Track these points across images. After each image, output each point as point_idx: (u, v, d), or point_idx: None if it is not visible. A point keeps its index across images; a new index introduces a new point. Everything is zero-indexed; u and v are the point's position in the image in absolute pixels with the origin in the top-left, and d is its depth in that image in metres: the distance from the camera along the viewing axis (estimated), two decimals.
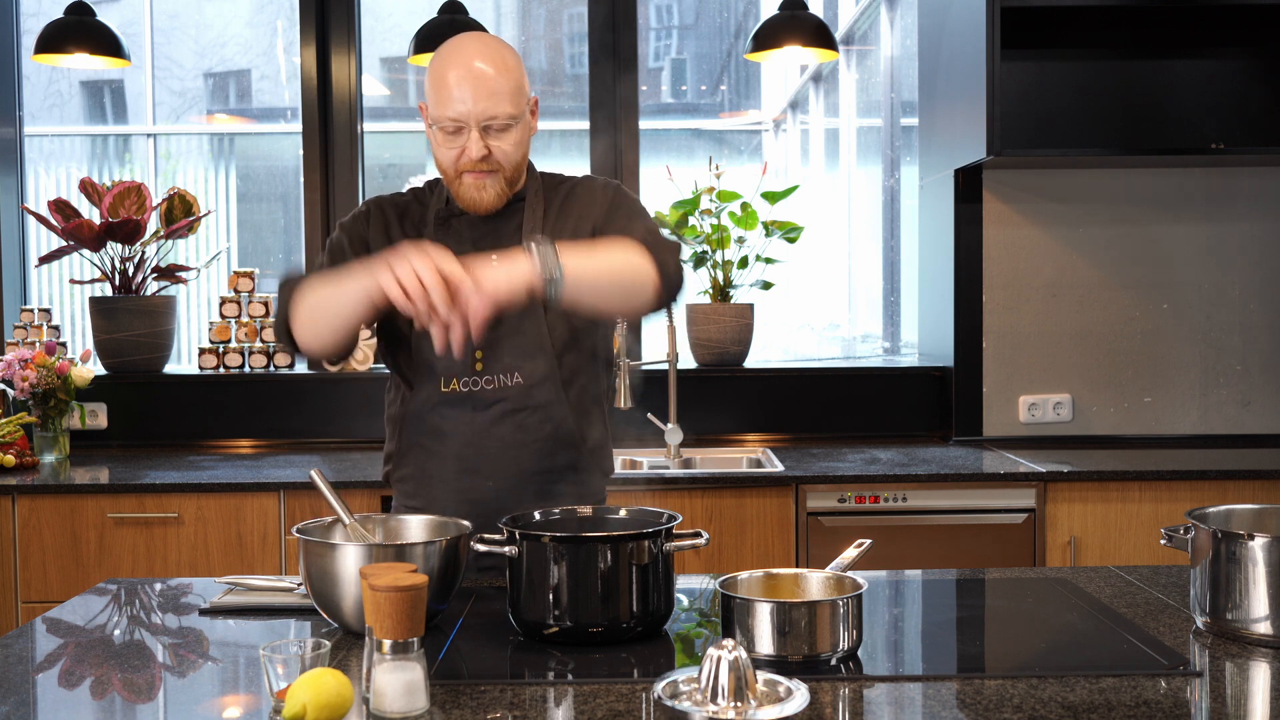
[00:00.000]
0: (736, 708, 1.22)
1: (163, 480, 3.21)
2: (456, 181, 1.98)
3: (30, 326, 3.90)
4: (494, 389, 2.00)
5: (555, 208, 2.06)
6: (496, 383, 2.00)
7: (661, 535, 1.65)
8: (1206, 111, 3.68)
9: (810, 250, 4.64)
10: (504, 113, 1.93)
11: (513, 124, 1.95)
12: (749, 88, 6.04)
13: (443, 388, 2.01)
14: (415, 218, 2.07)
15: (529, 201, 2.05)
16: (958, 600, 1.93)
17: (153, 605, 1.94)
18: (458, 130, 1.94)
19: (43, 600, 3.17)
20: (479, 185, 1.97)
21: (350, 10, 4.16)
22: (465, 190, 1.98)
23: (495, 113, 1.93)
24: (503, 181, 1.98)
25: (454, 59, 1.95)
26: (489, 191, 1.98)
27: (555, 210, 2.06)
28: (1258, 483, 3.20)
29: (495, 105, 1.92)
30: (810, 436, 3.89)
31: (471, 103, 1.91)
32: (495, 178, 1.97)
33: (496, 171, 1.97)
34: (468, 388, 2.00)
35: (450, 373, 2.00)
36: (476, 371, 2.00)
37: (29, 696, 1.49)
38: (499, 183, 1.98)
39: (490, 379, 2.00)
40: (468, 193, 1.98)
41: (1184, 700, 1.40)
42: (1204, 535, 1.63)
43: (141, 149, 5.57)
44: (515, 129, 1.96)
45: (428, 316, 1.66)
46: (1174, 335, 3.80)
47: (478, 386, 2.00)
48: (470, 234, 2.03)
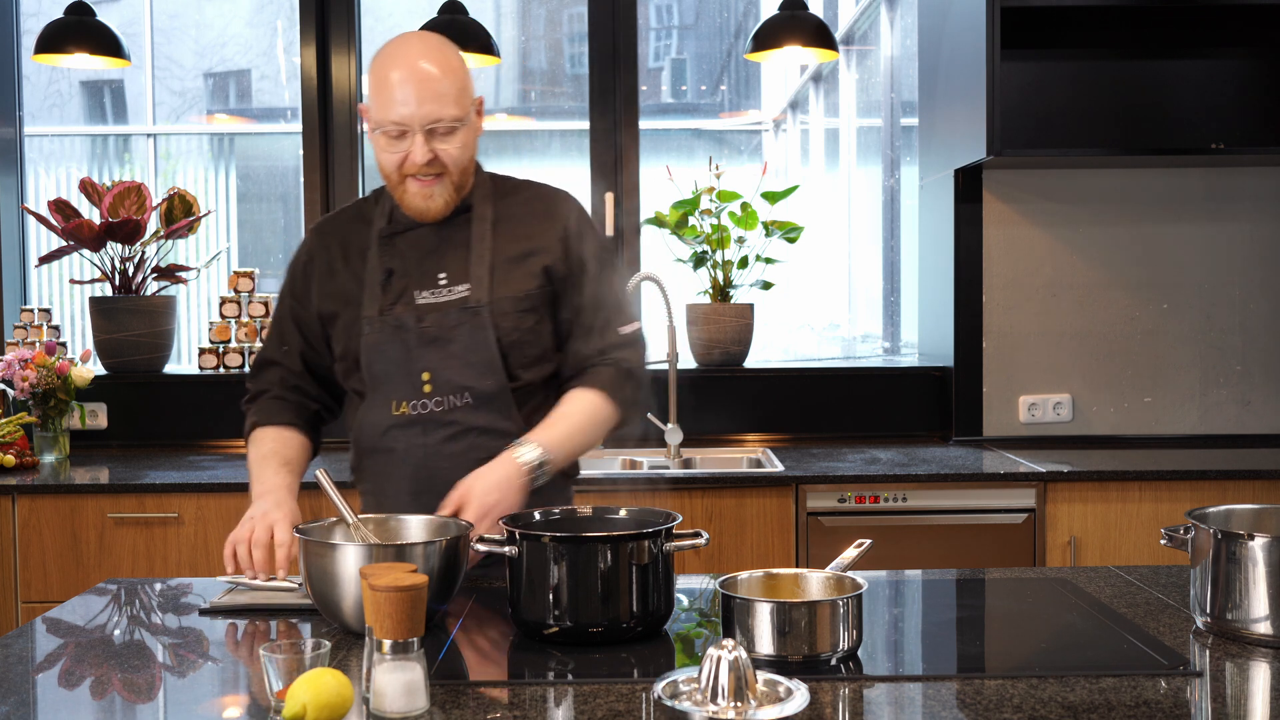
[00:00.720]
0: (736, 708, 1.22)
1: (163, 480, 3.21)
2: (401, 188, 1.94)
3: (30, 326, 3.90)
4: (443, 410, 1.96)
5: (505, 222, 2.02)
6: (446, 404, 1.96)
7: (661, 535, 1.65)
8: (1206, 111, 3.67)
9: (810, 250, 4.64)
10: (449, 115, 1.89)
11: (458, 126, 1.91)
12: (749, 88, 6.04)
13: (393, 410, 1.98)
14: (359, 241, 2.04)
15: (476, 210, 2.01)
16: (958, 600, 1.93)
17: (153, 605, 1.94)
18: (401, 134, 1.90)
19: (43, 600, 3.17)
20: (426, 193, 1.93)
21: (350, 10, 4.16)
22: (411, 198, 1.95)
23: (440, 115, 1.89)
24: (450, 187, 1.95)
25: (396, 60, 1.91)
26: (436, 200, 1.94)
27: (505, 225, 2.01)
28: (1258, 483, 3.20)
29: (440, 108, 1.88)
30: (810, 436, 3.89)
31: (415, 105, 1.87)
32: (442, 183, 1.93)
33: (443, 176, 1.93)
34: (417, 410, 1.97)
35: (399, 396, 1.97)
36: (425, 394, 1.96)
37: (29, 696, 1.49)
38: (446, 188, 1.94)
39: (440, 400, 1.96)
40: (414, 200, 1.95)
41: (1184, 700, 1.40)
42: (1204, 535, 1.63)
43: (141, 149, 5.57)
44: (461, 131, 1.92)
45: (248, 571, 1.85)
46: (1174, 335, 3.80)
47: (426, 409, 1.97)
48: (414, 252, 2.00)
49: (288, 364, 2.08)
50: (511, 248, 2.00)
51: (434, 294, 1.98)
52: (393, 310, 1.98)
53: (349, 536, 1.79)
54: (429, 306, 1.97)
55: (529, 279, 1.99)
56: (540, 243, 2.01)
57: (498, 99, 5.69)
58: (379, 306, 1.98)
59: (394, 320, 1.97)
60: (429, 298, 1.98)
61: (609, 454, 3.69)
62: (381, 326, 1.97)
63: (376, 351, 1.98)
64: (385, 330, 1.97)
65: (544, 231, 2.02)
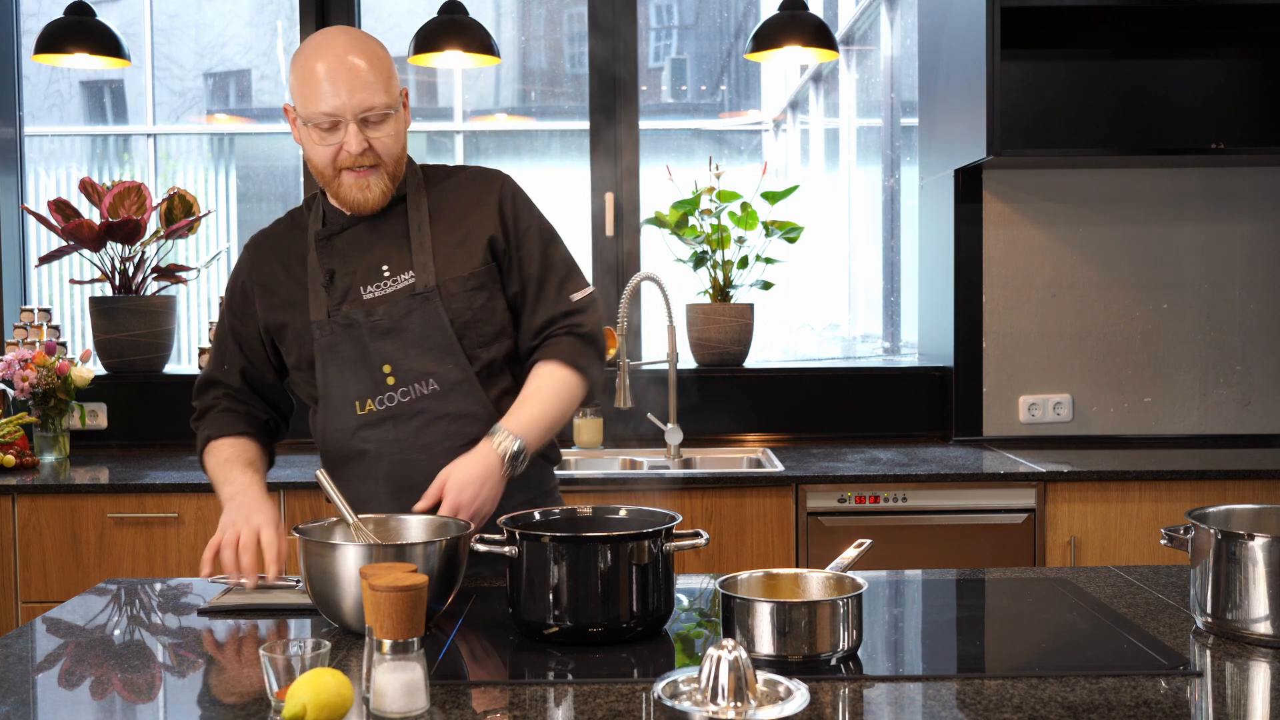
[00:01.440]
0: (736, 708, 1.22)
1: (163, 480, 3.21)
2: (336, 182, 1.93)
3: (30, 326, 3.90)
4: (410, 400, 1.95)
5: (441, 207, 2.01)
6: (412, 393, 1.95)
7: (661, 535, 1.65)
8: (1206, 111, 3.68)
9: (810, 250, 4.64)
10: (380, 103, 1.89)
11: (390, 114, 1.91)
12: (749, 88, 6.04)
13: (358, 410, 1.96)
14: (297, 250, 2.03)
15: (410, 199, 2.00)
16: (958, 600, 1.93)
17: (152, 605, 1.94)
18: (333, 126, 1.89)
19: (43, 600, 3.17)
20: (362, 184, 1.92)
21: (350, 10, 4.16)
22: (347, 191, 1.93)
23: (372, 104, 1.88)
24: (385, 177, 1.94)
25: (321, 53, 1.89)
26: (373, 189, 1.93)
27: (440, 209, 2.01)
28: (1258, 483, 3.20)
29: (371, 96, 1.88)
30: (810, 436, 3.89)
31: (347, 95, 1.87)
32: (378, 173, 1.92)
33: (378, 166, 1.92)
34: (384, 404, 1.95)
35: (361, 394, 1.96)
36: (389, 385, 1.95)
37: (29, 696, 1.49)
38: (382, 179, 1.93)
39: (405, 390, 1.95)
40: (350, 193, 1.93)
41: (1184, 700, 1.40)
42: (1204, 535, 1.63)
43: (141, 149, 5.57)
44: (392, 119, 1.92)
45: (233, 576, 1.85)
46: (1174, 335, 3.80)
47: (394, 402, 1.95)
48: (354, 250, 1.99)
49: (228, 381, 2.08)
50: (451, 231, 1.99)
51: (379, 286, 1.97)
52: (340, 309, 1.96)
53: (349, 536, 1.79)
54: (377, 300, 1.96)
55: (472, 258, 1.98)
56: (478, 221, 2.00)
57: (498, 99, 5.69)
58: (326, 309, 1.97)
59: (343, 319, 1.95)
60: (375, 291, 1.96)
61: (609, 454, 3.70)
62: (332, 327, 1.96)
63: (332, 353, 1.96)
64: (336, 330, 1.96)
65: (480, 210, 2.01)
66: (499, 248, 2.00)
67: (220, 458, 2.02)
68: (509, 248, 2.01)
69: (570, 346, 2.00)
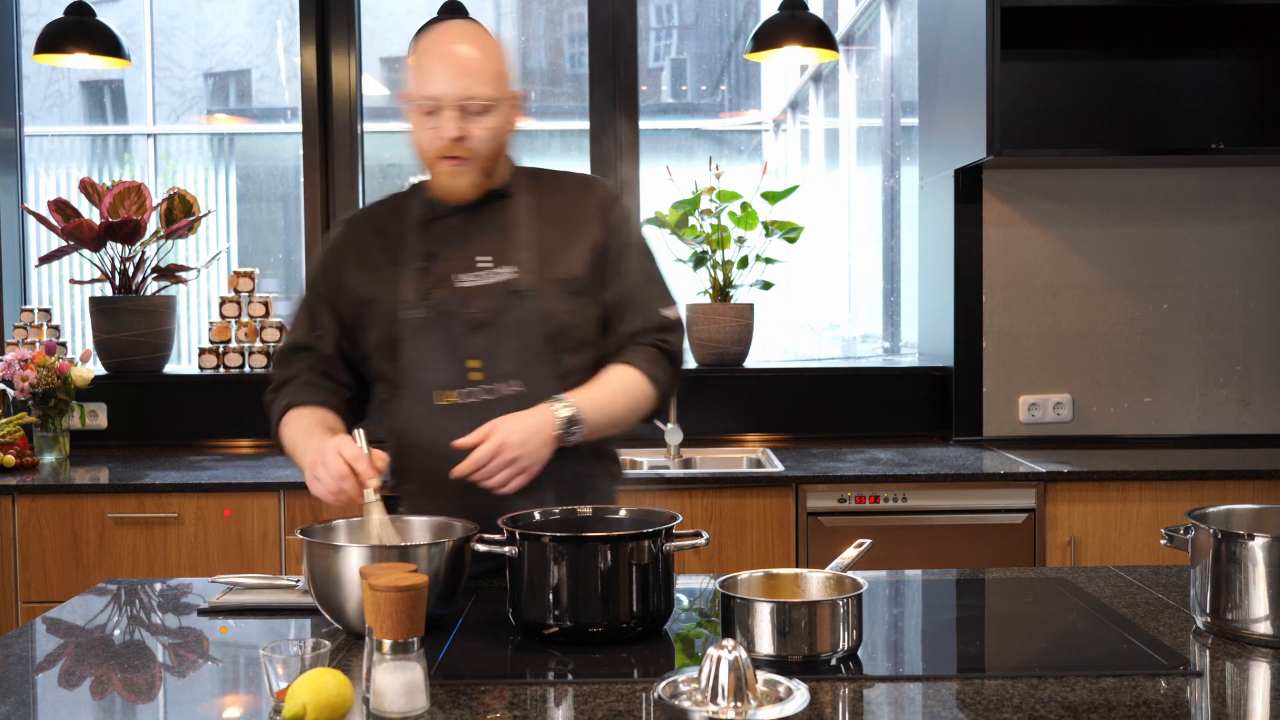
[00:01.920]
0: (736, 708, 1.22)
1: (163, 480, 3.21)
2: (433, 167, 1.94)
3: (30, 326, 3.90)
4: (494, 399, 1.92)
5: (545, 207, 2.01)
6: (496, 393, 1.93)
7: (661, 535, 1.65)
8: (1206, 111, 3.67)
9: (810, 250, 4.64)
10: (482, 94, 1.89)
11: (491, 107, 1.90)
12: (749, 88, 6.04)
13: (436, 401, 1.94)
14: (396, 229, 2.02)
15: (516, 198, 2.00)
16: (958, 600, 1.93)
17: (153, 605, 1.94)
18: (434, 110, 1.90)
19: (43, 600, 3.17)
20: (452, 173, 1.93)
21: (350, 10, 4.16)
22: (440, 177, 1.95)
23: (473, 93, 1.88)
24: (477, 171, 1.93)
25: (437, 40, 1.92)
26: (462, 179, 1.93)
27: (545, 209, 2.01)
28: (1258, 483, 3.20)
29: (473, 85, 1.88)
30: (810, 436, 3.89)
31: (449, 81, 1.88)
32: (468, 166, 1.92)
33: (470, 160, 1.92)
34: (465, 399, 1.93)
35: (443, 384, 1.94)
36: (473, 381, 1.93)
37: (29, 696, 1.49)
38: (473, 171, 1.93)
39: (489, 389, 1.93)
40: (441, 179, 1.95)
41: (1184, 700, 1.40)
42: (1204, 535, 1.63)
43: (141, 149, 5.57)
44: (493, 114, 1.91)
45: (342, 499, 1.79)
46: (1174, 335, 3.80)
47: (476, 398, 1.93)
48: (455, 237, 1.99)
49: (320, 348, 2.03)
50: (554, 232, 1.99)
51: (474, 277, 1.96)
52: (433, 295, 1.95)
53: (367, 514, 1.76)
54: (472, 290, 1.95)
55: (573, 263, 1.98)
56: (583, 228, 2.00)
57: None
58: (418, 291, 1.95)
59: (437, 305, 1.94)
60: (469, 280, 1.96)
61: None
62: (423, 311, 1.94)
63: (419, 338, 1.95)
64: (427, 315, 1.94)
65: (585, 214, 2.01)
66: (601, 256, 2.00)
67: (300, 426, 1.96)
68: (610, 257, 2.00)
69: (650, 357, 2.01)
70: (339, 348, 2.04)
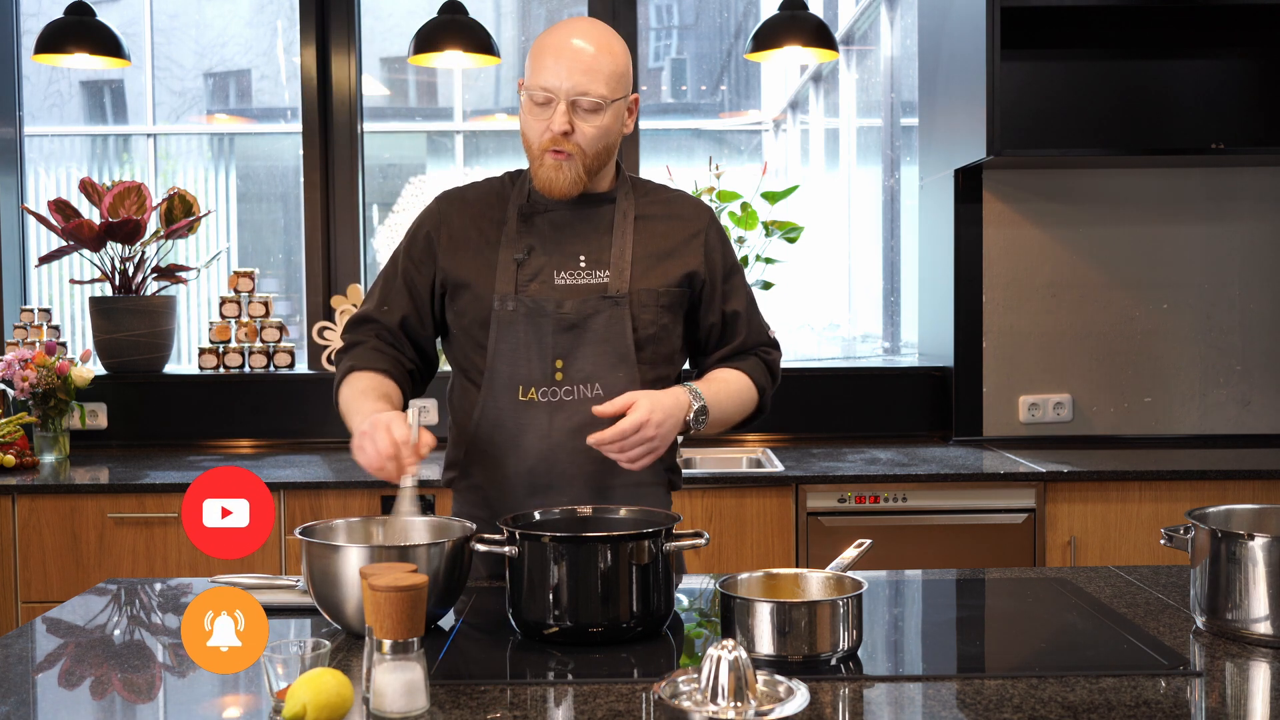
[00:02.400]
0: (736, 708, 1.22)
1: (163, 480, 3.21)
2: (538, 161, 1.94)
3: (30, 326, 3.90)
4: (573, 400, 1.93)
5: (645, 219, 2.02)
6: (576, 394, 1.93)
7: (661, 535, 1.65)
8: (1206, 111, 3.68)
9: (810, 250, 4.64)
10: (595, 91, 1.89)
11: (602, 106, 1.90)
12: (749, 88, 6.04)
13: (520, 396, 1.94)
14: (495, 215, 2.02)
15: (619, 204, 2.01)
16: (958, 600, 1.93)
17: (153, 605, 1.94)
18: (546, 101, 1.90)
19: (43, 600, 3.17)
20: (555, 167, 1.92)
21: (350, 10, 4.16)
22: (543, 171, 1.94)
23: (586, 89, 1.89)
24: (580, 168, 1.93)
25: (560, 33, 1.93)
26: (565, 173, 1.92)
27: (645, 221, 2.01)
28: (1258, 483, 3.20)
29: (588, 82, 1.89)
30: (810, 436, 3.89)
31: (565, 75, 1.89)
32: (573, 162, 1.92)
33: (574, 156, 1.92)
34: (546, 398, 1.93)
35: (527, 380, 1.93)
36: (556, 381, 1.93)
37: (29, 696, 1.49)
38: (576, 168, 1.92)
39: (570, 389, 1.93)
40: (545, 172, 1.94)
41: (1184, 700, 1.40)
42: (1204, 535, 1.63)
43: (141, 149, 5.57)
44: (604, 114, 1.91)
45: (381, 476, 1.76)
46: (1174, 335, 3.80)
47: (556, 397, 1.93)
48: (554, 233, 1.98)
49: (385, 321, 2.03)
50: (651, 244, 2.00)
51: (573, 276, 1.96)
52: (528, 288, 1.95)
53: (399, 500, 1.76)
54: (567, 289, 1.95)
55: (669, 276, 1.99)
56: (682, 248, 2.02)
57: (497, 99, 5.70)
58: (514, 283, 1.95)
59: (530, 301, 1.94)
60: (567, 279, 1.96)
61: None
62: (517, 305, 1.94)
63: (509, 330, 1.94)
64: (521, 309, 1.94)
65: (686, 237, 2.03)
66: (698, 281, 2.03)
67: (357, 388, 1.95)
68: (711, 281, 2.04)
69: (759, 369, 2.08)
70: (404, 324, 2.04)
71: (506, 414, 1.95)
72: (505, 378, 1.95)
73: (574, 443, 1.91)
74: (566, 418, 1.92)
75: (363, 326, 2.05)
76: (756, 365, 2.08)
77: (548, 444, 1.93)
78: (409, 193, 5.28)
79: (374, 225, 4.53)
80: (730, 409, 2.01)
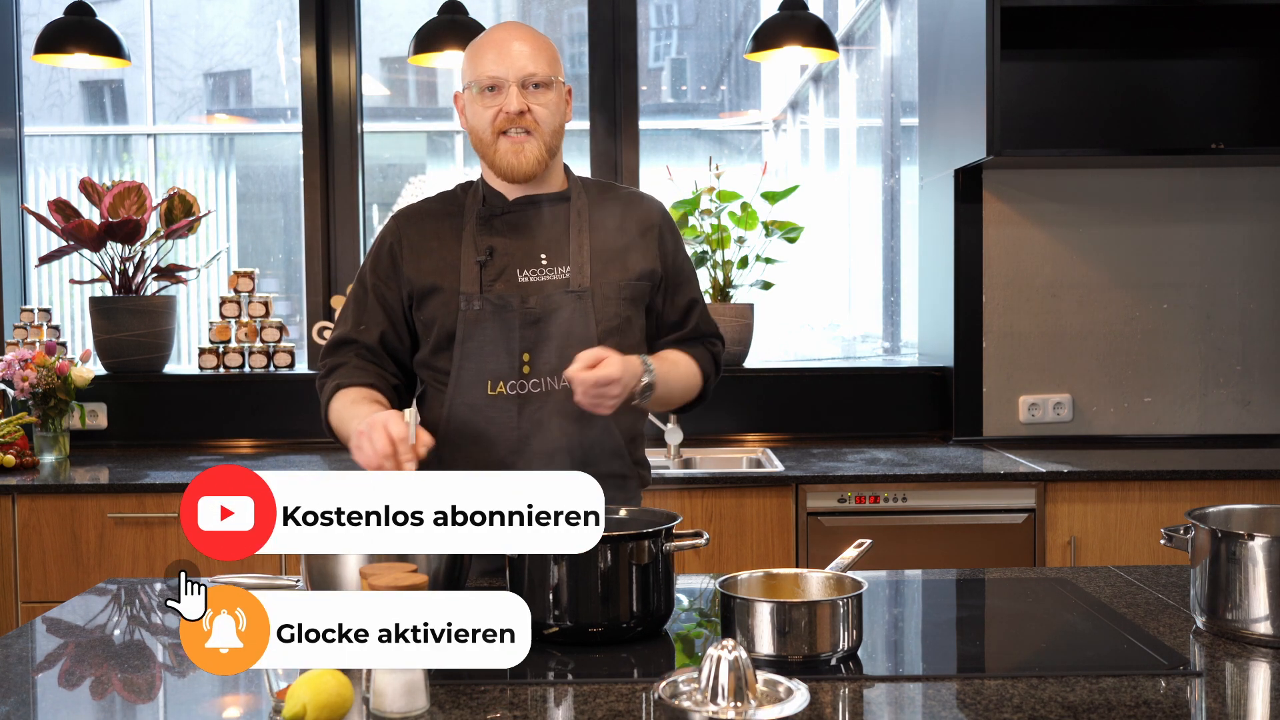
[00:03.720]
0: (736, 708, 1.22)
1: (163, 480, 3.21)
2: (494, 147, 1.99)
3: (30, 326, 3.90)
4: (540, 392, 1.97)
5: (600, 216, 2.06)
6: (544, 386, 1.97)
7: (661, 535, 1.65)
8: (1206, 111, 3.67)
9: (810, 250, 4.64)
10: (542, 71, 1.98)
11: (550, 85, 1.99)
12: (749, 88, 6.04)
13: (489, 390, 1.98)
14: (453, 223, 2.05)
15: (573, 203, 2.05)
16: (958, 600, 1.93)
17: (153, 605, 1.94)
18: (496, 88, 1.97)
19: (43, 600, 3.17)
20: (517, 149, 1.98)
21: (350, 10, 4.16)
22: (502, 155, 1.99)
23: (533, 70, 1.97)
24: (540, 146, 1.99)
25: (495, 33, 2.03)
26: (528, 155, 1.98)
27: (599, 218, 2.06)
28: (1258, 483, 3.20)
29: (533, 63, 1.97)
30: (810, 436, 3.89)
31: (510, 62, 1.97)
32: (533, 140, 1.98)
33: (533, 134, 1.97)
34: (514, 390, 1.97)
35: (495, 375, 1.97)
36: (524, 374, 1.97)
37: (29, 696, 1.49)
38: (537, 146, 1.98)
39: (537, 382, 1.97)
40: (505, 157, 1.99)
41: (1184, 700, 1.40)
42: (1204, 535, 1.63)
43: (141, 149, 5.56)
44: (552, 91, 1.99)
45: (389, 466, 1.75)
46: (1174, 335, 3.80)
47: (524, 390, 1.97)
48: (514, 233, 2.02)
49: (364, 340, 2.05)
50: (608, 239, 2.04)
51: (535, 273, 2.01)
52: (493, 287, 1.99)
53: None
54: (531, 285, 1.99)
55: (628, 270, 2.04)
56: (637, 244, 2.07)
57: None
58: (478, 283, 1.99)
59: (496, 298, 1.98)
60: (530, 276, 2.00)
61: None
62: (482, 303, 1.98)
63: (476, 328, 1.98)
64: (487, 307, 1.98)
65: (640, 234, 2.08)
66: (655, 277, 2.08)
67: (347, 400, 1.98)
68: (666, 278, 2.10)
69: (704, 357, 2.15)
70: (384, 340, 2.06)
71: (475, 409, 1.98)
72: (473, 374, 1.99)
73: (542, 434, 1.96)
74: (535, 409, 1.97)
75: (342, 349, 2.07)
76: (704, 354, 2.14)
77: (517, 435, 1.97)
78: (409, 193, 5.28)
79: (374, 225, 4.53)
80: (675, 390, 2.07)
